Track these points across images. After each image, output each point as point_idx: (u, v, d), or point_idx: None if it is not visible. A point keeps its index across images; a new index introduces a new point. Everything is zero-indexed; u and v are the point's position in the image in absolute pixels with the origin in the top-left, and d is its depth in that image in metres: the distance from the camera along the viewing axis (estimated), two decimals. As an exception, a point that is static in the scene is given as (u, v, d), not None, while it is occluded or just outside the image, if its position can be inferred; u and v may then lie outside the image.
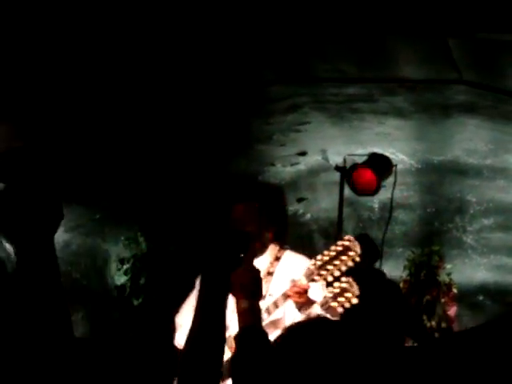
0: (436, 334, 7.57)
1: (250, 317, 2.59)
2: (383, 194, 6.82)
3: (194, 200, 7.73)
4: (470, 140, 7.31)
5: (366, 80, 6.41)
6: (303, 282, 3.38)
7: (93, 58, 5.67)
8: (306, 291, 3.51)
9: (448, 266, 7.91)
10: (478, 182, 7.83)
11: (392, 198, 6.67)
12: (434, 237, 8.08)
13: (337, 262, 3.28)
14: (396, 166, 6.66)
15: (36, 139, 6.81)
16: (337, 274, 3.29)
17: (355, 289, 3.22)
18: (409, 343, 4.10)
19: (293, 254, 3.44)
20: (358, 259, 3.26)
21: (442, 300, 7.83)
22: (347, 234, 7.66)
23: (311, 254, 3.86)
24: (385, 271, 6.75)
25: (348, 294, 3.24)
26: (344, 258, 3.28)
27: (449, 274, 7.88)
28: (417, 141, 7.42)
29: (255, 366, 1.27)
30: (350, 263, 3.27)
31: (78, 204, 8.21)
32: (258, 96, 6.72)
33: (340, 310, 3.16)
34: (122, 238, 8.73)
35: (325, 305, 3.26)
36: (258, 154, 7.79)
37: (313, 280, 3.31)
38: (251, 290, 2.67)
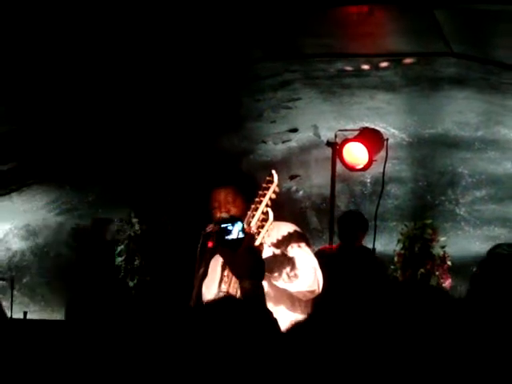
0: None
1: (253, 296, 2.61)
2: (375, 169, 6.82)
3: (187, 180, 7.72)
4: (461, 112, 7.31)
5: (354, 55, 6.39)
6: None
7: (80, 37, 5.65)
8: None
9: (441, 239, 7.93)
10: (469, 154, 7.84)
11: (384, 173, 6.66)
12: (426, 210, 8.09)
13: (262, 198, 3.38)
14: (387, 140, 6.65)
15: (28, 122, 6.80)
16: (263, 208, 3.38)
17: (271, 216, 3.33)
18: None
19: (274, 224, 3.47)
20: (277, 189, 3.36)
21: (437, 273, 7.86)
22: (340, 209, 7.74)
23: (304, 231, 3.89)
24: (378, 245, 6.79)
25: (265, 222, 3.34)
26: (266, 191, 3.38)
27: (443, 247, 7.90)
28: (407, 114, 7.42)
29: (260, 344, 1.29)
30: (273, 195, 3.37)
31: (70, 186, 8.21)
32: (247, 73, 6.71)
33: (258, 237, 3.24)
34: (116, 220, 8.74)
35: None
36: (249, 132, 7.78)
37: (249, 223, 3.40)
38: (253, 270, 2.68)
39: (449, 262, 7.89)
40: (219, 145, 7.66)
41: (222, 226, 2.73)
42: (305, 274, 3.51)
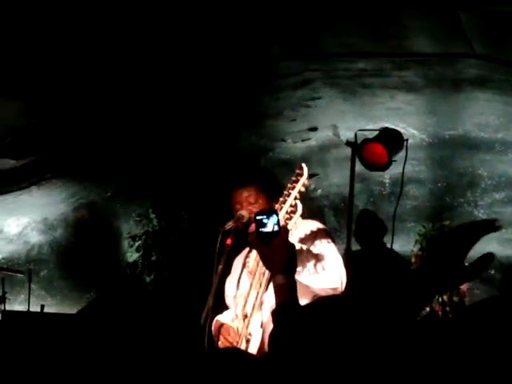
0: (448, 309, 7.58)
1: (287, 292, 2.59)
2: (394, 169, 6.80)
3: (206, 176, 7.73)
4: (481, 114, 7.28)
5: (376, 54, 6.38)
6: None
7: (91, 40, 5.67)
8: None
9: (459, 241, 7.90)
10: (489, 156, 7.80)
11: (403, 173, 6.64)
12: (445, 211, 8.06)
13: (291, 191, 3.38)
14: (407, 140, 6.63)
15: (48, 116, 6.82)
16: (291, 200, 3.39)
17: (299, 208, 3.34)
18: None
19: (300, 221, 3.46)
20: (306, 182, 3.36)
21: (454, 275, 7.83)
22: (358, 209, 7.72)
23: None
24: (396, 246, 6.78)
25: (293, 215, 3.34)
26: (296, 184, 3.38)
27: (460, 249, 7.87)
28: (428, 115, 7.40)
29: (294, 341, 1.28)
30: (302, 188, 3.37)
31: (89, 181, 8.24)
32: (267, 72, 6.71)
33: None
34: (134, 215, 8.76)
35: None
36: (269, 130, 7.78)
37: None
38: (286, 264, 2.66)
39: (466, 264, 7.86)
40: (238, 142, 7.67)
41: (257, 218, 2.71)
42: (329, 271, 3.51)
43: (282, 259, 2.66)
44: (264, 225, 2.70)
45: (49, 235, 8.97)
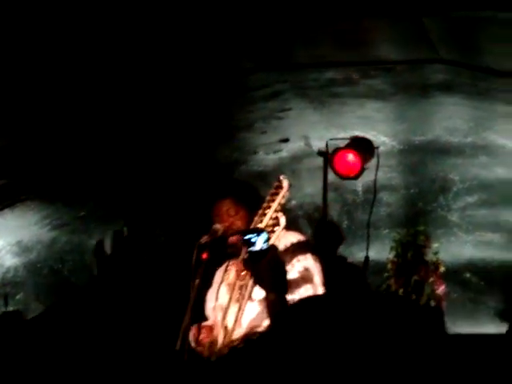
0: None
1: (280, 307, 2.59)
2: (366, 177, 6.85)
3: (180, 191, 7.73)
4: (450, 118, 7.34)
5: (344, 63, 6.42)
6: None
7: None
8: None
9: (434, 245, 7.95)
10: (460, 160, 7.87)
11: (375, 181, 6.70)
12: (419, 217, 8.12)
13: (271, 204, 3.39)
14: (378, 148, 6.69)
15: (21, 137, 6.79)
16: (271, 213, 3.39)
17: (282, 221, 3.35)
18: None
19: (282, 234, 3.47)
20: (287, 194, 3.39)
21: (430, 279, 7.87)
22: (332, 218, 7.76)
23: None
24: (371, 253, 6.82)
25: (276, 228, 3.35)
26: (276, 197, 3.40)
27: (436, 253, 7.92)
28: (397, 122, 7.45)
29: (290, 350, 1.29)
30: (282, 200, 3.39)
31: (62, 202, 8.20)
32: (238, 84, 6.73)
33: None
34: (109, 234, 8.73)
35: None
36: (241, 143, 7.79)
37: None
38: (276, 282, 2.66)
39: (442, 268, 7.91)
40: (211, 156, 7.68)
41: (246, 237, 2.71)
42: (306, 289, 3.51)
43: (272, 277, 2.66)
44: (253, 244, 2.70)
45: (24, 257, 8.92)
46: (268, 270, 2.66)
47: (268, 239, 2.69)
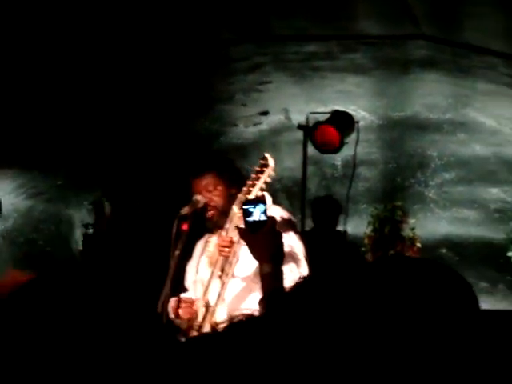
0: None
1: (274, 280, 2.59)
2: (346, 152, 6.85)
3: (159, 161, 7.70)
4: (430, 95, 7.35)
5: (326, 37, 6.40)
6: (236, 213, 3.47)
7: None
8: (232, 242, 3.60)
9: (411, 221, 7.97)
10: (438, 136, 7.89)
11: (355, 155, 6.70)
12: (396, 192, 8.13)
13: (256, 182, 3.39)
14: (358, 122, 6.68)
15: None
16: (256, 191, 3.40)
17: (268, 200, 3.35)
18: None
19: None
20: (272, 173, 3.38)
21: (406, 254, 7.91)
22: (311, 192, 7.76)
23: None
24: (349, 227, 6.84)
25: None
26: (261, 175, 3.39)
27: (412, 229, 7.94)
28: (378, 97, 7.45)
29: (281, 329, 1.28)
30: (268, 179, 3.39)
31: (39, 171, 8.15)
32: (218, 56, 6.69)
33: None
34: (86, 203, 8.69)
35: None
36: (220, 114, 7.77)
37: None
38: (273, 254, 2.65)
39: (418, 244, 7.94)
40: (191, 127, 7.65)
41: (244, 207, 2.69)
42: (289, 266, 3.50)
43: (269, 248, 2.65)
44: (250, 214, 2.68)
45: (0, 225, 8.87)
46: (264, 241, 2.65)
47: (265, 210, 2.67)
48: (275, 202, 8.19)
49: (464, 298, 1.32)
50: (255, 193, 3.40)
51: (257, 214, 2.67)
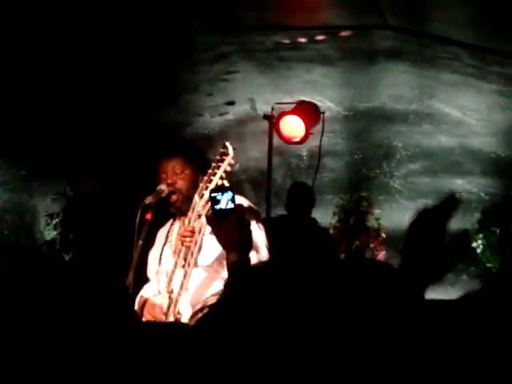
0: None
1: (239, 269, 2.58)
2: (311, 142, 6.86)
3: (123, 151, 7.66)
4: (396, 86, 7.37)
5: (291, 27, 6.40)
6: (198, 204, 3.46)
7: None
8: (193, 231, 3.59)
9: (376, 211, 8.01)
10: (404, 127, 7.91)
11: (320, 146, 6.72)
12: (362, 183, 8.15)
13: (217, 171, 3.39)
14: (324, 113, 6.69)
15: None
16: (217, 180, 3.40)
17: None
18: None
19: None
20: (232, 161, 3.38)
21: (371, 245, 7.94)
22: (277, 182, 7.77)
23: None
24: (316, 218, 6.86)
25: None
26: (221, 164, 3.39)
27: (377, 219, 7.98)
28: (344, 88, 7.46)
29: (246, 312, 1.27)
30: (228, 167, 3.39)
31: (3, 160, 8.07)
32: (183, 46, 6.66)
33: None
34: (50, 193, 8.62)
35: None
36: (186, 104, 7.74)
37: (203, 195, 3.43)
38: (241, 242, 2.63)
39: (383, 235, 7.98)
40: (156, 117, 7.61)
41: (212, 195, 2.67)
42: (251, 255, 3.51)
43: (236, 237, 2.63)
44: (218, 202, 2.66)
45: (-37, 216, 8.78)
46: (231, 229, 2.63)
47: (233, 198, 2.65)
48: (241, 192, 8.19)
49: (403, 292, 1.33)
50: (215, 182, 3.39)
51: (224, 202, 2.66)
